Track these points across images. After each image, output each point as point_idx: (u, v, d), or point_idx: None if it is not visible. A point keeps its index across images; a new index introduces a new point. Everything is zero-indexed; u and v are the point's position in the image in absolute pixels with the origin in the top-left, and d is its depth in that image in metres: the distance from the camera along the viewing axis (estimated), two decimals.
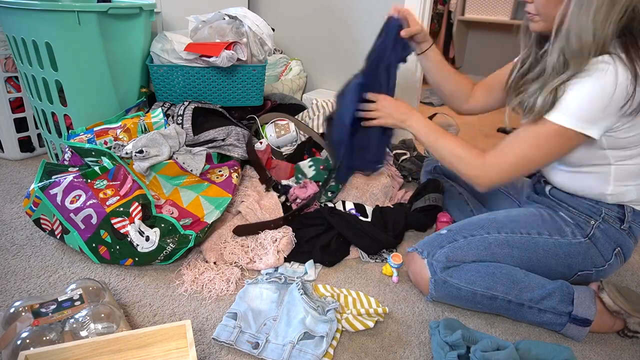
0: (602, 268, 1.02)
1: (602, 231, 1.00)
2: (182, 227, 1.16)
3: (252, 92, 1.60)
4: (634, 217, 0.99)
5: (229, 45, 1.43)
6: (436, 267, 1.00)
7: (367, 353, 0.91)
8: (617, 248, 1.00)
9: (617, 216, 0.99)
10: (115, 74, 1.47)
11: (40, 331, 0.81)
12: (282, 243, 1.17)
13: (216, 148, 1.41)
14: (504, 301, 0.97)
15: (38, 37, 1.32)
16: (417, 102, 1.92)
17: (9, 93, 1.61)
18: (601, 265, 1.01)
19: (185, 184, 1.33)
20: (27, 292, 1.03)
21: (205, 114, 1.52)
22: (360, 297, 1.04)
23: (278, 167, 1.51)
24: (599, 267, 1.01)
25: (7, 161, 1.70)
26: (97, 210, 1.12)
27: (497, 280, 0.97)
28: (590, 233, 1.00)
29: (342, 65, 2.00)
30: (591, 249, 1.00)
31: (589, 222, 1.01)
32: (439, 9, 3.30)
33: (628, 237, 1.00)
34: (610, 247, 1.00)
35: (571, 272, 1.03)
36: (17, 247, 1.19)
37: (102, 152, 1.24)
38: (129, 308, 1.00)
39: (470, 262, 1.00)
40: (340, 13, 1.91)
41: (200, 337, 0.93)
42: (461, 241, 1.02)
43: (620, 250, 1.01)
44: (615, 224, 0.99)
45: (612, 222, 0.99)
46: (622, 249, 1.01)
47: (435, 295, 1.02)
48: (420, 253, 1.04)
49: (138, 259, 1.11)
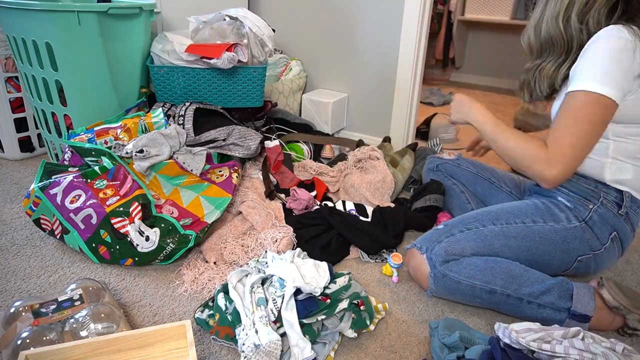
0: (599, 251, 1.03)
1: (599, 215, 1.01)
2: (182, 227, 1.16)
3: (253, 93, 1.60)
4: (632, 204, 1.01)
5: (230, 46, 1.43)
6: (435, 261, 1.01)
7: (367, 353, 0.91)
8: (613, 232, 1.02)
9: (615, 201, 1.01)
10: (115, 74, 1.47)
11: (40, 331, 0.81)
12: (283, 243, 1.17)
13: (217, 148, 1.41)
14: (503, 295, 0.97)
15: (38, 37, 1.32)
16: (417, 102, 1.92)
17: (9, 93, 1.61)
18: (597, 248, 1.03)
19: (186, 184, 1.33)
20: (27, 292, 1.03)
21: (206, 115, 1.53)
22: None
23: (284, 175, 1.52)
24: (595, 250, 1.03)
25: (7, 161, 1.70)
26: (97, 210, 1.12)
27: (496, 274, 0.98)
28: (588, 216, 1.02)
29: (342, 65, 2.00)
30: (587, 232, 1.02)
31: (587, 206, 1.02)
32: (439, 9, 3.31)
33: (625, 223, 1.02)
34: (606, 231, 1.02)
35: (571, 258, 1.04)
36: (17, 247, 1.19)
37: (102, 151, 1.24)
38: (129, 308, 1.00)
39: (470, 256, 1.01)
40: (340, 13, 1.91)
41: (200, 337, 0.93)
42: (458, 235, 1.04)
43: (616, 235, 1.02)
44: (613, 208, 1.01)
45: (610, 206, 1.01)
46: (618, 233, 1.02)
47: (435, 290, 1.03)
48: (419, 249, 1.05)
49: (138, 259, 1.11)
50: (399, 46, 1.80)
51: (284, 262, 0.98)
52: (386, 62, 1.86)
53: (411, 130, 1.96)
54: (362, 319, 0.93)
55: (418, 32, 1.74)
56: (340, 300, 0.92)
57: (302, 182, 1.55)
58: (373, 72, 1.92)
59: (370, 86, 1.95)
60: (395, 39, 1.80)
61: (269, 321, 0.86)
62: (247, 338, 0.83)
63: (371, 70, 1.92)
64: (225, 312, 0.91)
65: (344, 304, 0.91)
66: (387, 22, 1.80)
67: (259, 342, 0.81)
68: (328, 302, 0.92)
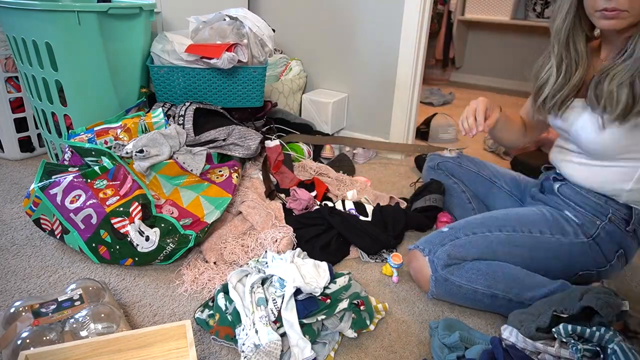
0: (604, 269, 1.02)
1: (607, 232, 0.99)
2: (182, 227, 1.16)
3: (253, 93, 1.60)
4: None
5: (230, 47, 1.43)
6: (437, 265, 1.00)
7: (367, 353, 0.91)
8: (620, 250, 1.00)
9: (624, 217, 0.99)
10: (115, 74, 1.47)
11: (40, 331, 0.81)
12: (283, 243, 1.17)
13: (217, 148, 1.41)
14: (505, 300, 0.97)
15: (38, 37, 1.32)
16: (417, 102, 1.91)
17: (9, 93, 1.61)
18: (603, 265, 1.01)
19: (186, 184, 1.33)
20: (27, 292, 1.03)
21: (206, 115, 1.53)
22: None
23: (285, 175, 1.52)
24: (600, 267, 1.01)
25: (7, 161, 1.70)
26: (97, 210, 1.12)
27: (498, 279, 0.97)
28: (595, 233, 1.00)
29: (342, 65, 2.00)
30: (593, 249, 1.00)
31: (595, 222, 1.00)
32: (439, 9, 3.31)
33: (632, 240, 1.00)
34: (613, 249, 1.00)
35: (572, 272, 1.03)
36: (17, 247, 1.19)
37: (102, 151, 1.24)
38: (129, 308, 1.00)
39: (472, 260, 1.00)
40: (340, 13, 1.91)
41: (200, 337, 0.93)
42: (463, 239, 1.02)
43: (622, 253, 1.01)
44: (621, 225, 0.99)
45: (618, 223, 0.99)
46: (625, 251, 1.01)
47: (436, 293, 1.02)
48: (422, 250, 1.04)
49: (138, 259, 1.11)
50: (399, 46, 1.80)
51: (284, 262, 0.98)
52: (386, 62, 1.86)
53: (411, 130, 1.96)
54: (362, 319, 0.93)
55: (418, 32, 1.74)
56: (340, 300, 0.92)
57: (302, 182, 1.55)
58: (373, 72, 1.92)
59: (370, 86, 1.95)
60: (395, 39, 1.80)
61: (269, 321, 0.86)
62: (247, 338, 0.83)
63: (371, 70, 1.92)
64: (225, 312, 0.91)
65: (344, 304, 0.91)
66: (387, 22, 1.80)
67: (259, 342, 0.81)
68: (328, 302, 0.92)
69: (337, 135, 2.10)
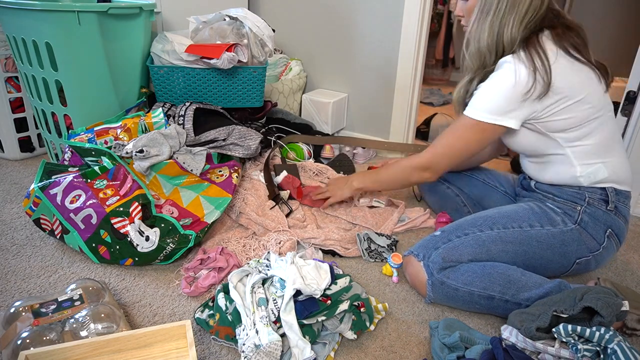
0: (598, 252, 1.03)
1: (589, 215, 1.02)
2: (182, 227, 1.16)
3: (253, 94, 1.60)
4: (618, 196, 1.02)
5: (229, 47, 1.43)
6: (432, 269, 1.00)
7: (367, 353, 0.91)
8: (607, 229, 1.02)
9: (601, 198, 1.02)
10: (115, 74, 1.47)
11: (40, 331, 0.81)
12: (286, 246, 1.17)
13: (217, 148, 1.41)
14: (501, 301, 0.97)
15: (38, 37, 1.32)
16: (417, 102, 1.91)
17: (9, 93, 1.61)
18: (596, 249, 1.03)
19: (186, 184, 1.33)
20: (27, 292, 1.03)
21: (206, 115, 1.52)
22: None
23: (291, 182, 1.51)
24: (594, 251, 1.03)
25: (7, 161, 1.70)
26: (97, 210, 1.12)
27: (494, 280, 0.97)
28: (579, 219, 1.02)
29: (342, 65, 2.00)
30: (583, 234, 1.02)
31: (575, 209, 1.03)
32: (439, 9, 3.31)
33: (616, 217, 1.03)
34: (601, 230, 1.02)
35: (569, 261, 1.04)
36: (17, 247, 1.19)
37: (102, 151, 1.24)
38: (129, 308, 1.00)
39: (467, 262, 1.01)
40: (340, 13, 1.91)
41: (200, 337, 0.93)
42: (455, 241, 1.03)
43: (612, 232, 1.03)
44: (601, 206, 1.02)
45: (598, 204, 1.02)
46: (613, 229, 1.03)
47: (433, 297, 1.02)
48: (416, 256, 1.04)
49: (138, 259, 1.11)
50: (399, 46, 1.80)
51: (285, 263, 0.98)
52: (386, 62, 1.86)
53: (411, 130, 1.96)
54: (362, 320, 0.93)
55: (418, 32, 1.74)
56: (341, 302, 0.92)
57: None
58: (373, 72, 1.92)
59: (370, 86, 1.95)
60: (395, 39, 1.80)
61: (270, 321, 0.86)
62: (248, 338, 0.83)
63: (371, 70, 1.92)
64: (226, 312, 0.91)
65: (344, 306, 0.91)
66: (387, 22, 1.80)
67: (259, 342, 0.81)
68: (329, 303, 0.92)
69: (337, 135, 2.10)
